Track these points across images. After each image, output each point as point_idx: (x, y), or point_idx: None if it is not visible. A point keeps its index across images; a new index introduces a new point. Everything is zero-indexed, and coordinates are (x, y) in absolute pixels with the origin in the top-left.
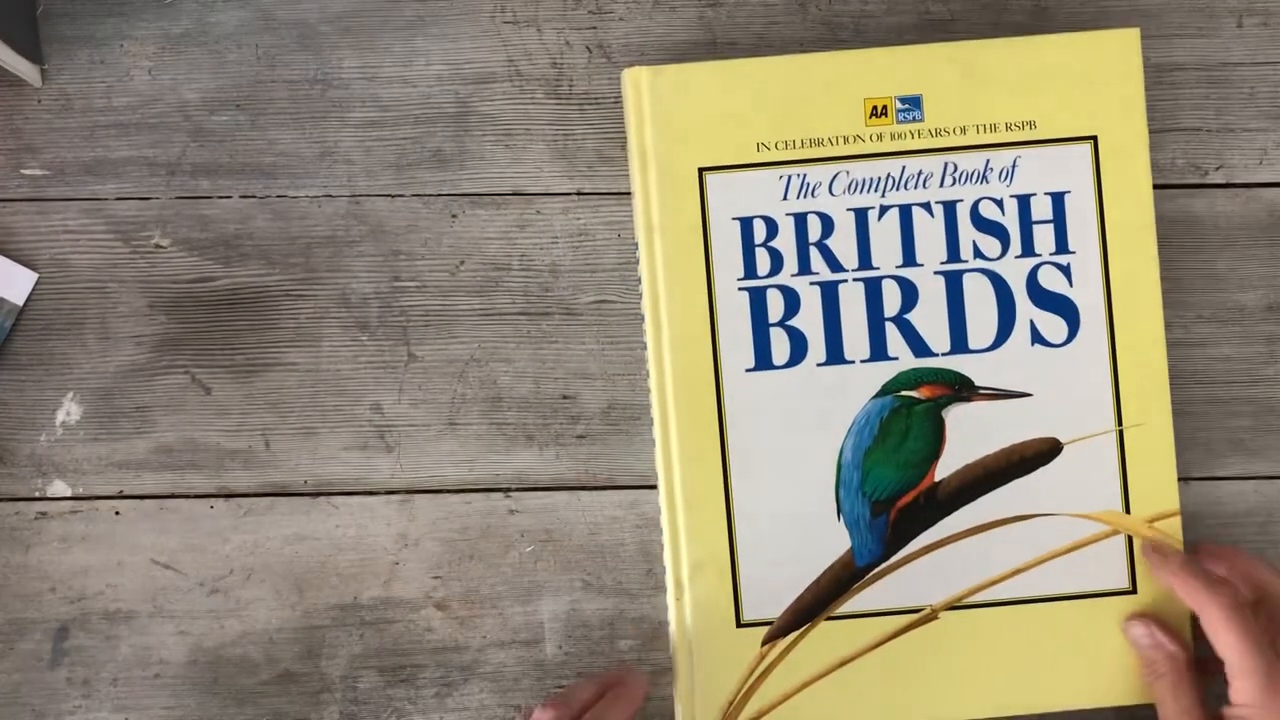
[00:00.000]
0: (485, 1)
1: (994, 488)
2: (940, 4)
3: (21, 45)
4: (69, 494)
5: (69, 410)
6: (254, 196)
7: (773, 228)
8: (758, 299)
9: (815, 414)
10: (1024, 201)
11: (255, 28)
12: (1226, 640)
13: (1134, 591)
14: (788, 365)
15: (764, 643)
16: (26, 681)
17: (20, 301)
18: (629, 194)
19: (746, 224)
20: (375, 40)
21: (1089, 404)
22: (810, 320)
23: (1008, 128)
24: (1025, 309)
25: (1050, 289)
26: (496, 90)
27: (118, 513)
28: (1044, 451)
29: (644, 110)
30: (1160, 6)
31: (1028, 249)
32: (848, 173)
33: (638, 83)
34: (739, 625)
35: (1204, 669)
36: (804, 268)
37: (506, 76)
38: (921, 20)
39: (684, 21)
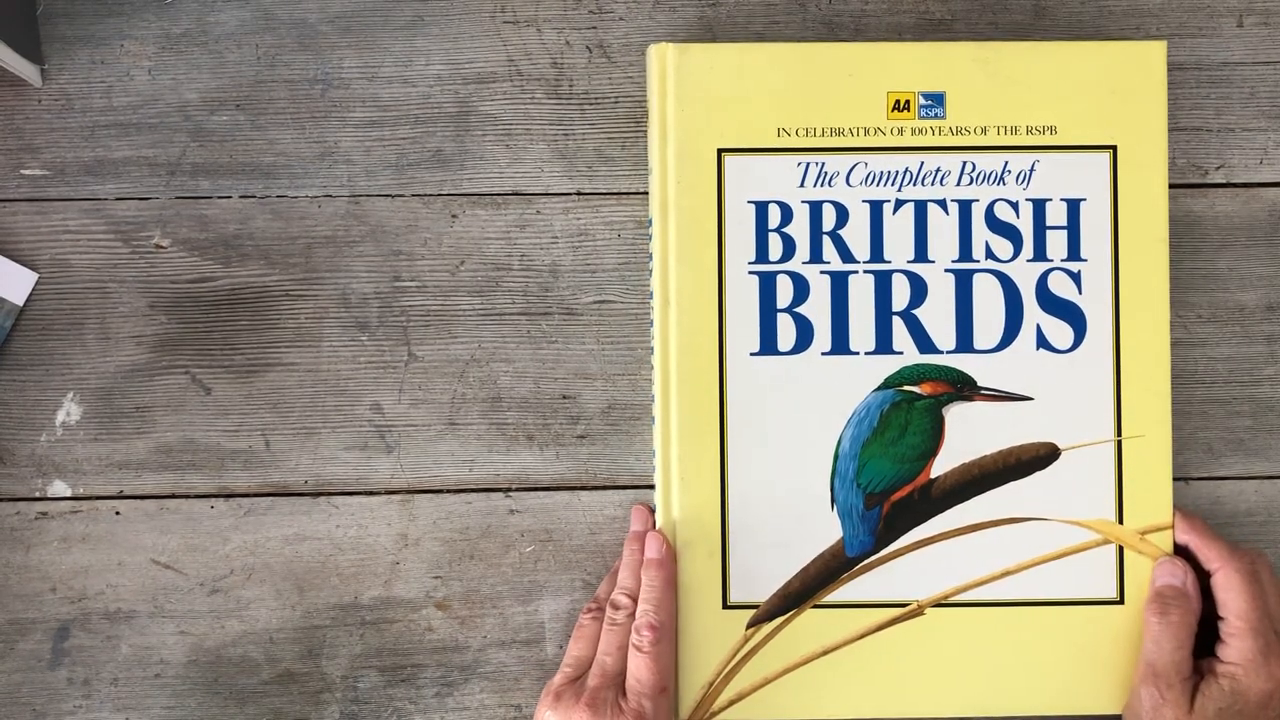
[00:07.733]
0: (485, 1)
1: (989, 488)
2: (940, 4)
3: (21, 45)
4: (69, 494)
5: (69, 410)
6: (254, 196)
7: (787, 214)
8: (767, 283)
9: (816, 402)
10: (1039, 206)
11: (255, 28)
12: (1237, 601)
13: (1121, 602)
14: (792, 352)
15: (749, 626)
16: (26, 681)
17: (20, 301)
18: (629, 194)
19: (761, 208)
20: (375, 40)
21: (1089, 412)
22: (818, 308)
23: (1029, 131)
24: (1033, 313)
25: (1059, 295)
26: (496, 90)
27: (118, 513)
28: (1041, 456)
29: (667, 87)
30: (1160, 6)
31: (1040, 253)
32: (866, 164)
33: (663, 58)
34: (725, 606)
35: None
36: (816, 256)
37: (506, 76)
38: (921, 20)
39: (684, 21)
